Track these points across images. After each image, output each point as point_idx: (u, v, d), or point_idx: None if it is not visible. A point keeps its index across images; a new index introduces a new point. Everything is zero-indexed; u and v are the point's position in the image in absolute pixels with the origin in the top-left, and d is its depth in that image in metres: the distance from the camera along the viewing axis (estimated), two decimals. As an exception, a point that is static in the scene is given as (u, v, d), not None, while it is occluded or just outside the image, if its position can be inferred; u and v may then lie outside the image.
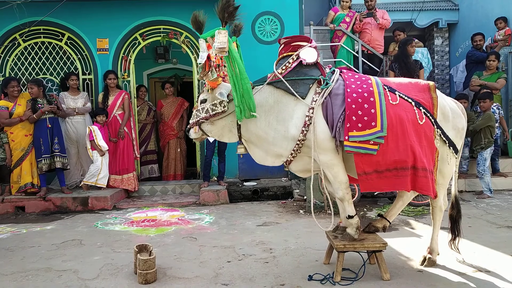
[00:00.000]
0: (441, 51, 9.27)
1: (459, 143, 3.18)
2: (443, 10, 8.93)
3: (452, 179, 3.30)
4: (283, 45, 3.14)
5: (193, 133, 3.22)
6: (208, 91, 3.10)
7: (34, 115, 5.68)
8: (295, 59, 3.02)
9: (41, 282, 3.12)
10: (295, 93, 2.92)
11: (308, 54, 3.03)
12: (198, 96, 3.22)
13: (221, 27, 2.80)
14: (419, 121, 2.91)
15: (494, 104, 6.28)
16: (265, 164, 3.22)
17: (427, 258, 3.23)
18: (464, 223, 3.55)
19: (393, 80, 3.20)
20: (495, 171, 6.41)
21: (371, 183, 2.88)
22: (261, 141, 3.06)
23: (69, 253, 3.81)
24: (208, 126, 3.13)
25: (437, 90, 3.08)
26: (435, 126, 2.97)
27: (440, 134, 2.99)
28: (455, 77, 8.19)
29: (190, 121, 3.19)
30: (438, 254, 3.28)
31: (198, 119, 3.09)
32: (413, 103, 2.95)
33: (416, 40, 7.26)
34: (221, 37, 2.72)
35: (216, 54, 2.88)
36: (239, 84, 2.81)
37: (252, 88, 2.99)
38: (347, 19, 7.24)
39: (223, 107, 3.00)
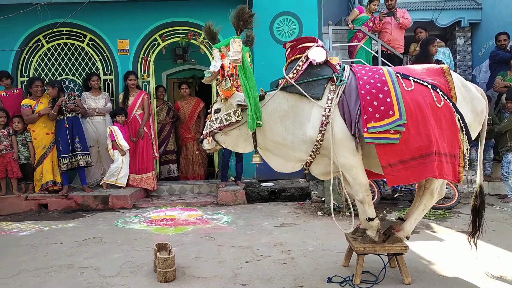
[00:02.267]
0: (463, 51, 9.07)
1: (477, 128, 3.06)
2: (465, 9, 8.74)
3: (478, 167, 3.19)
4: (289, 49, 3.09)
5: (207, 144, 3.16)
6: (221, 101, 3.07)
7: (52, 110, 5.80)
8: (304, 61, 2.96)
9: (64, 279, 3.18)
10: (308, 96, 2.88)
11: (317, 54, 2.98)
12: (211, 106, 3.19)
13: (235, 36, 2.78)
14: (437, 104, 2.81)
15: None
16: (285, 171, 3.17)
17: (391, 232, 3.07)
18: (488, 227, 3.46)
19: (406, 67, 3.13)
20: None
21: (397, 175, 2.77)
22: (279, 147, 3.02)
23: (90, 250, 3.88)
24: (222, 137, 3.08)
25: (452, 72, 2.99)
26: (455, 110, 2.87)
27: (458, 119, 2.88)
28: (478, 78, 8.00)
29: (204, 132, 3.16)
30: (408, 238, 3.12)
31: (212, 129, 3.05)
32: (429, 86, 2.86)
33: (438, 40, 7.13)
34: (236, 46, 2.69)
35: (230, 63, 2.87)
36: (252, 94, 2.79)
37: (265, 94, 2.98)
38: (370, 24, 7.18)
39: (238, 117, 2.96)
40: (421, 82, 2.89)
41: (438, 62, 6.15)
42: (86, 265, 3.47)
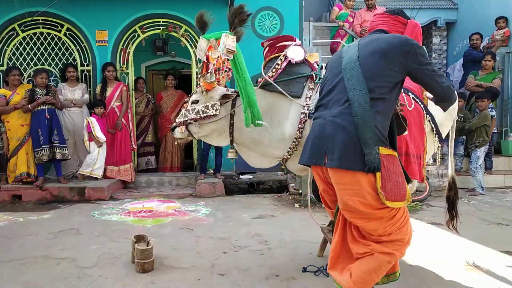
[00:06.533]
0: (439, 49, 9.34)
1: (449, 125, 3.21)
2: (442, 9, 9.00)
3: (449, 161, 3.34)
4: (267, 48, 3.12)
5: (179, 133, 3.11)
6: (202, 93, 3.05)
7: (30, 106, 5.69)
8: (283, 59, 3.00)
9: (40, 270, 3.16)
10: (288, 95, 2.92)
11: (295, 53, 3.02)
12: (190, 96, 3.17)
13: (228, 31, 2.77)
14: (408, 107, 2.91)
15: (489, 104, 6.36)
16: (261, 167, 3.23)
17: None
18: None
19: None
20: (488, 169, 6.51)
21: None
22: (256, 144, 3.05)
23: (67, 242, 3.86)
24: (196, 128, 3.05)
25: None
26: (425, 112, 3.01)
27: (429, 120, 3.02)
28: (452, 76, 8.27)
29: (177, 120, 3.10)
30: None
31: (187, 119, 3.01)
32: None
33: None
34: (229, 41, 2.67)
35: (218, 57, 2.87)
36: (246, 92, 2.75)
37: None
38: (350, 19, 7.31)
39: (215, 111, 2.96)
40: None
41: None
42: (62, 256, 3.45)
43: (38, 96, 5.77)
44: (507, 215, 4.72)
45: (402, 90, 2.95)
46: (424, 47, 7.93)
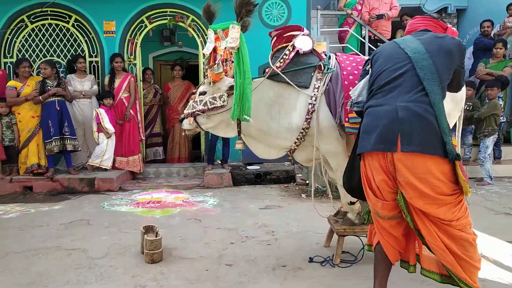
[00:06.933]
0: (449, 37, 9.16)
1: (456, 115, 3.18)
2: (452, -5, 8.82)
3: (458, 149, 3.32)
4: (275, 38, 3.10)
5: (187, 124, 3.12)
6: (210, 84, 3.06)
7: (40, 97, 5.75)
8: (291, 50, 2.99)
9: (52, 260, 3.24)
10: (295, 86, 2.91)
11: (303, 43, 3.01)
12: (198, 87, 3.18)
13: (235, 22, 2.76)
14: None
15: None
16: (268, 158, 3.24)
17: (370, 215, 3.20)
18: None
19: None
20: (496, 158, 6.45)
21: None
22: (264, 135, 3.06)
23: (77, 232, 3.93)
24: (204, 119, 3.06)
25: None
26: None
27: None
28: (462, 64, 8.12)
29: (185, 111, 3.12)
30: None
31: (194, 110, 3.03)
32: None
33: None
34: (234, 32, 2.67)
35: (225, 48, 2.87)
36: (243, 85, 2.74)
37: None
38: (358, 7, 7.22)
39: (223, 102, 2.97)
40: None
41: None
42: (73, 247, 3.52)
43: (49, 88, 5.82)
44: (510, 204, 4.69)
45: None
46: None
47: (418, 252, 2.36)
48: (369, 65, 2.39)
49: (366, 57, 3.13)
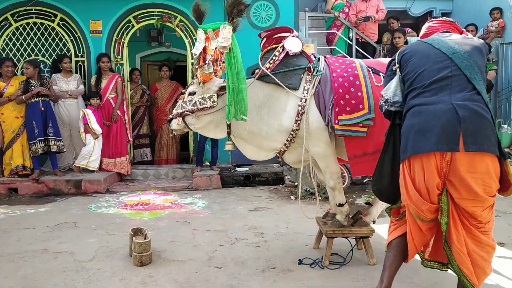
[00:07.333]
0: (434, 40, 9.31)
1: None
2: (437, 0, 8.97)
3: None
4: (265, 39, 3.11)
5: (175, 124, 3.12)
6: (199, 84, 3.05)
7: (23, 97, 5.66)
8: (281, 51, 3.00)
9: (38, 263, 3.19)
10: (285, 87, 2.93)
11: (292, 44, 3.02)
12: (187, 87, 3.18)
13: (226, 22, 2.76)
14: None
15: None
16: (258, 159, 3.25)
17: (359, 217, 3.21)
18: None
19: (375, 61, 3.24)
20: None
21: (361, 167, 2.95)
22: (253, 136, 3.07)
23: (64, 235, 3.88)
24: (193, 120, 3.05)
25: None
26: None
27: None
28: (447, 67, 8.27)
29: (174, 111, 3.10)
30: (374, 222, 3.39)
31: (183, 110, 3.02)
32: None
33: (410, 30, 7.33)
34: (226, 32, 2.66)
35: (216, 48, 2.88)
36: (236, 84, 2.74)
37: None
38: (346, 9, 7.29)
39: (213, 102, 2.96)
40: None
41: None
42: (60, 249, 3.48)
43: (33, 87, 5.73)
44: (500, 207, 4.78)
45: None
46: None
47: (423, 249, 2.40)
48: (395, 65, 2.36)
49: (355, 59, 3.17)
